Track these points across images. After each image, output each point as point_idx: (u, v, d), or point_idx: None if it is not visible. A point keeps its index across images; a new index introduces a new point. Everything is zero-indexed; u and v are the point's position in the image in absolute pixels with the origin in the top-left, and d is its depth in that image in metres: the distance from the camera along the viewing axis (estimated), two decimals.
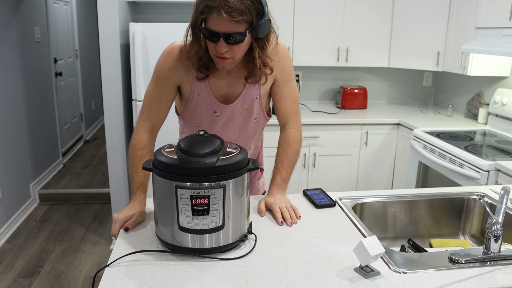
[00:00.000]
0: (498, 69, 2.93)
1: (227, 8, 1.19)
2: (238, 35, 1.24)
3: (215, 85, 1.44)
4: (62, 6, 4.96)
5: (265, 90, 1.49)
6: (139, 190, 1.36)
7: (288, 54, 1.50)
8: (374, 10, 3.34)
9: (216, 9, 1.20)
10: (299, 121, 1.55)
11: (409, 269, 1.10)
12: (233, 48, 1.28)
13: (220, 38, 1.25)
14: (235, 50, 1.29)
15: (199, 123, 1.51)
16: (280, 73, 1.48)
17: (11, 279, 2.74)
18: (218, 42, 1.26)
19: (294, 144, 1.50)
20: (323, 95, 3.80)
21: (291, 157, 1.49)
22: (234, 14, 1.20)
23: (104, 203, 3.91)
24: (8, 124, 3.40)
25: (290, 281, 1.04)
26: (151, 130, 1.46)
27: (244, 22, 1.23)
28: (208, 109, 1.47)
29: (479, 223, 1.62)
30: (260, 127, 1.59)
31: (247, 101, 1.47)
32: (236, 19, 1.21)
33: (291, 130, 1.52)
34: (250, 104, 1.48)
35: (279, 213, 1.36)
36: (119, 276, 1.05)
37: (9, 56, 3.43)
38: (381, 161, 3.31)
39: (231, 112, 1.48)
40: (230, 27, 1.22)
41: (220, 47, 1.27)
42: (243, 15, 1.21)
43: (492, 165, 2.21)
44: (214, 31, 1.24)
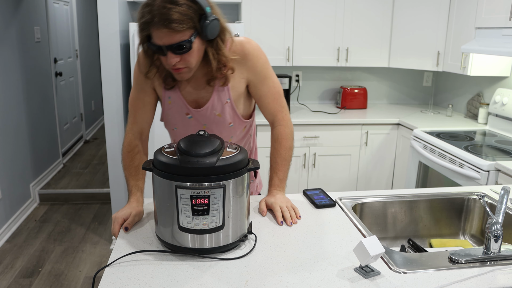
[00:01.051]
0: (498, 69, 2.93)
1: (164, 21, 1.16)
2: (184, 44, 1.21)
3: (184, 90, 1.43)
4: (62, 6, 4.96)
5: (237, 93, 1.43)
6: (134, 189, 1.37)
7: (258, 52, 1.42)
8: (374, 10, 3.34)
9: (154, 24, 1.17)
10: (286, 115, 1.49)
11: (409, 269, 1.10)
12: (184, 57, 1.25)
13: (167, 51, 1.22)
14: (186, 58, 1.25)
15: (174, 126, 1.50)
16: (252, 74, 1.42)
17: (11, 279, 2.74)
18: (167, 55, 1.24)
19: (285, 142, 1.47)
20: (323, 95, 3.80)
21: (284, 155, 1.46)
22: (173, 25, 1.16)
23: (104, 203, 3.92)
24: (8, 124, 3.40)
25: (290, 281, 1.04)
26: (139, 132, 1.48)
27: (186, 30, 1.19)
28: (180, 112, 1.45)
29: (479, 223, 1.62)
30: (239, 129, 1.53)
31: (218, 107, 1.43)
32: (176, 29, 1.17)
33: (279, 127, 1.48)
34: (221, 110, 1.43)
35: (279, 213, 1.36)
36: (119, 276, 1.05)
37: (9, 56, 3.43)
38: (381, 161, 3.31)
39: (203, 116, 1.45)
40: (173, 38, 1.19)
41: (170, 60, 1.24)
42: (183, 23, 1.17)
43: (492, 165, 2.21)
44: (159, 45, 1.21)
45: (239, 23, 2.81)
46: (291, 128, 1.49)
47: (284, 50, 3.30)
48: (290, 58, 3.32)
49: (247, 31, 3.22)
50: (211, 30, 1.25)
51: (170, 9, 1.16)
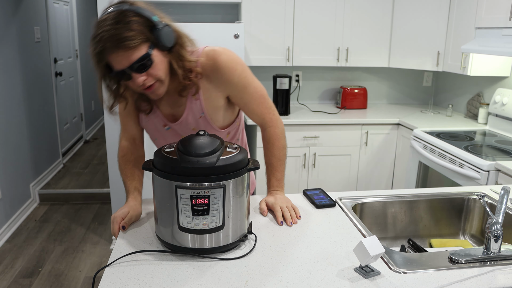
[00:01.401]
0: (498, 69, 2.93)
1: (116, 42, 1.13)
2: (144, 58, 1.18)
3: (160, 103, 1.41)
4: (62, 6, 4.96)
5: (213, 106, 1.39)
6: (131, 189, 1.38)
7: (232, 64, 1.34)
8: (374, 10, 3.34)
9: (108, 49, 1.15)
10: (274, 116, 1.46)
11: (409, 269, 1.10)
12: (149, 72, 1.21)
13: (130, 73, 1.19)
14: (152, 73, 1.21)
15: (154, 137, 1.50)
16: (230, 87, 1.37)
17: (11, 279, 2.74)
18: (132, 78, 1.21)
19: (277, 142, 1.45)
20: (323, 95, 3.80)
21: (278, 155, 1.45)
22: (126, 44, 1.14)
23: (104, 203, 3.92)
24: (8, 124, 3.40)
25: (290, 281, 1.04)
26: (132, 138, 1.48)
27: (141, 44, 1.17)
28: (158, 124, 1.44)
29: (479, 223, 1.62)
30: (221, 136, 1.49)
31: (192, 121, 1.40)
32: (131, 46, 1.14)
33: (269, 129, 1.45)
34: (196, 124, 1.41)
35: (279, 213, 1.36)
36: (119, 276, 1.05)
37: (9, 56, 3.43)
38: (381, 161, 3.31)
39: (180, 129, 1.43)
40: (131, 57, 1.16)
41: (137, 80, 1.20)
42: (135, 38, 1.15)
43: (492, 165, 2.21)
44: (121, 70, 1.18)
45: (239, 23, 2.81)
46: (281, 127, 1.47)
47: (284, 50, 3.30)
48: (290, 58, 3.32)
49: (247, 31, 3.22)
50: (165, 37, 1.21)
51: (118, 29, 1.13)
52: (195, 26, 2.75)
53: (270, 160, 1.46)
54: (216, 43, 2.78)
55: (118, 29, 1.13)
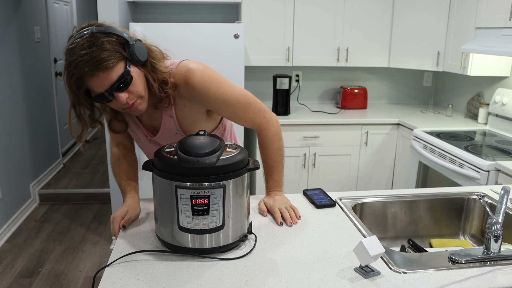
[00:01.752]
0: (498, 69, 2.93)
1: (94, 65, 1.13)
2: (124, 76, 1.17)
3: (141, 117, 1.42)
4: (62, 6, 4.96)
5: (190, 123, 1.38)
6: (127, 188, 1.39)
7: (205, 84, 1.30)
8: (374, 10, 3.34)
9: (87, 74, 1.14)
10: (265, 117, 1.41)
11: (409, 269, 1.10)
12: (130, 90, 1.21)
13: (112, 93, 1.19)
14: (133, 90, 1.21)
15: (140, 146, 1.51)
16: (207, 105, 1.34)
17: (11, 279, 2.74)
18: (114, 98, 1.20)
19: (270, 145, 1.42)
20: (323, 95, 3.80)
21: (273, 157, 1.43)
22: (104, 64, 1.14)
23: (104, 203, 3.91)
24: (8, 124, 3.40)
25: (290, 281, 1.04)
26: (121, 144, 1.50)
27: (118, 63, 1.17)
28: (140, 136, 1.45)
29: (479, 223, 1.62)
30: None
31: (169, 137, 1.41)
32: (109, 67, 1.14)
33: (262, 132, 1.43)
34: (172, 139, 1.41)
35: (278, 214, 1.36)
36: (119, 276, 1.05)
37: (9, 56, 3.43)
38: (381, 161, 3.31)
39: (161, 141, 1.44)
40: (111, 77, 1.16)
41: (120, 100, 1.20)
42: (112, 58, 1.15)
43: (492, 165, 2.21)
44: (103, 92, 1.17)
45: (239, 23, 2.81)
46: (274, 129, 1.42)
47: (284, 50, 3.30)
48: (290, 58, 3.32)
49: (247, 31, 3.22)
50: (139, 51, 1.21)
51: (93, 52, 1.13)
52: (195, 26, 2.75)
53: (266, 162, 1.45)
54: (216, 43, 2.78)
55: (93, 52, 1.13)
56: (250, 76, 3.64)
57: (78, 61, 1.13)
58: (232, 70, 2.85)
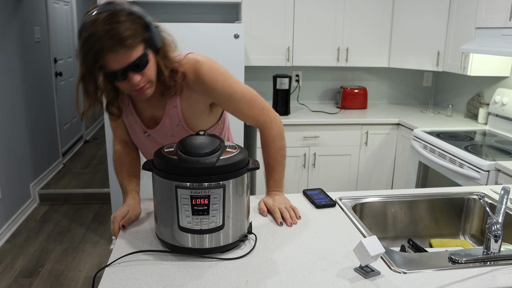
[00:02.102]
0: (498, 69, 2.93)
1: (118, 41, 1.12)
2: (142, 58, 1.18)
3: (140, 107, 1.40)
4: (62, 6, 4.96)
5: (193, 114, 1.38)
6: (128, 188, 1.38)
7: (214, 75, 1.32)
8: (374, 10, 3.34)
9: (107, 48, 1.12)
10: (268, 116, 1.42)
11: (409, 269, 1.10)
12: (144, 72, 1.21)
13: (127, 72, 1.18)
14: (147, 73, 1.22)
15: (137, 143, 1.49)
16: (213, 97, 1.36)
17: (11, 279, 2.74)
18: (128, 77, 1.19)
19: (272, 144, 1.42)
20: (323, 95, 3.80)
21: (274, 157, 1.43)
22: (127, 43, 1.13)
23: (104, 203, 3.91)
24: (8, 124, 3.40)
25: (290, 281, 1.04)
26: (124, 142, 1.50)
27: (139, 44, 1.17)
28: (138, 130, 1.43)
29: (479, 223, 1.62)
30: None
31: (169, 127, 1.39)
32: (131, 46, 1.14)
33: (265, 130, 1.43)
34: (173, 131, 1.41)
35: (278, 214, 1.36)
36: (119, 276, 1.05)
37: (9, 56, 3.43)
38: (381, 161, 3.31)
39: (160, 135, 1.42)
40: (130, 56, 1.16)
41: (133, 81, 1.20)
42: (135, 37, 1.15)
43: (492, 165, 2.21)
44: (119, 70, 1.16)
45: (239, 23, 2.81)
46: (277, 128, 1.43)
47: (284, 50, 3.30)
48: (290, 58, 3.32)
49: (247, 31, 3.22)
50: (157, 37, 1.22)
51: (117, 28, 1.12)
52: (195, 26, 2.75)
53: (267, 161, 1.45)
54: (216, 43, 2.78)
55: (116, 28, 1.12)
56: (250, 76, 3.64)
57: (101, 34, 1.11)
58: (232, 70, 2.85)
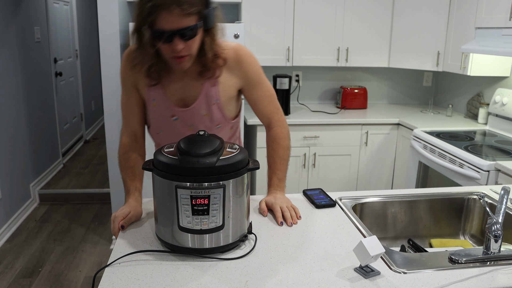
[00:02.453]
0: (498, 69, 2.93)
1: (176, 1, 1.14)
2: (192, 28, 1.20)
3: (170, 88, 1.40)
4: (62, 6, 4.96)
5: (227, 96, 1.42)
6: (132, 189, 1.37)
7: (251, 59, 1.42)
8: (374, 10, 3.34)
9: (165, 6, 1.14)
10: (281, 116, 1.50)
11: (409, 269, 1.10)
12: (189, 44, 1.23)
13: (174, 36, 1.19)
14: (190, 45, 1.24)
15: (159, 130, 1.47)
16: (246, 80, 1.43)
17: (11, 279, 2.74)
18: (172, 41, 1.20)
19: (282, 142, 1.47)
20: (323, 95, 3.80)
21: (282, 155, 1.46)
22: (185, 7, 1.15)
23: (104, 203, 3.91)
24: (8, 124, 3.40)
25: (290, 281, 1.04)
26: (133, 134, 1.47)
27: (194, 14, 1.19)
28: (165, 114, 1.42)
29: (479, 223, 1.62)
30: (225, 130, 1.50)
31: (205, 106, 1.40)
32: (187, 11, 1.16)
33: (276, 128, 1.48)
34: (209, 110, 1.41)
35: (279, 213, 1.36)
36: (119, 276, 1.05)
37: (9, 56, 3.43)
38: (381, 161, 3.31)
39: (190, 117, 1.41)
40: (182, 22, 1.17)
41: (176, 46, 1.21)
42: (193, 6, 1.17)
43: (492, 165, 2.21)
44: (167, 30, 1.18)
45: (239, 23, 2.81)
46: (287, 129, 1.50)
47: (284, 50, 3.30)
48: (290, 58, 3.32)
49: (247, 31, 3.22)
50: (212, 17, 1.25)
51: None
52: None
53: (274, 158, 1.46)
54: None
55: None
56: None
57: None
58: None
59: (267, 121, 1.50)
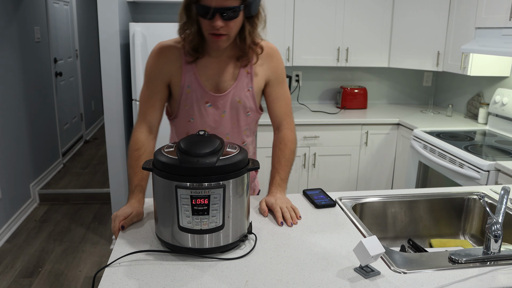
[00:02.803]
0: (498, 69, 2.93)
1: None
2: (233, 10, 1.27)
3: (204, 74, 1.44)
4: (62, 6, 4.96)
5: (258, 86, 1.49)
6: (136, 189, 1.36)
7: (280, 56, 1.53)
8: (374, 10, 3.34)
9: None
10: (292, 121, 1.56)
11: (409, 269, 1.10)
12: (229, 24, 1.30)
13: (216, 14, 1.27)
14: (230, 26, 1.31)
15: (190, 117, 1.48)
16: (273, 74, 1.51)
17: (11, 279, 2.74)
18: (213, 18, 1.28)
19: (290, 144, 1.51)
20: (323, 95, 3.80)
21: (288, 157, 1.49)
22: None
23: (104, 203, 3.92)
24: (8, 124, 3.40)
25: (290, 281, 1.04)
26: (148, 130, 1.46)
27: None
28: (199, 101, 1.45)
29: (479, 223, 1.62)
30: (252, 121, 1.56)
31: (239, 93, 1.47)
32: None
33: (286, 130, 1.53)
34: (242, 96, 1.48)
35: (279, 213, 1.36)
36: (119, 276, 1.05)
37: (9, 56, 3.43)
38: (381, 161, 3.31)
39: (223, 103, 1.46)
40: (227, 2, 1.25)
41: (216, 24, 1.28)
42: None
43: (492, 165, 2.21)
44: (210, 7, 1.26)
45: None
46: (295, 134, 1.56)
47: (284, 50, 3.30)
48: (290, 58, 3.32)
49: None
50: (255, 6, 1.33)
51: None
52: None
53: (279, 158, 1.48)
54: None
55: None
56: None
57: None
58: None
59: (278, 122, 1.54)
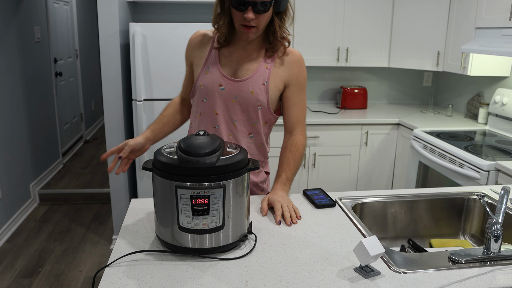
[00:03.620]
0: (498, 69, 2.93)
1: None
2: (265, 4, 1.37)
3: (226, 59, 1.53)
4: (62, 6, 4.96)
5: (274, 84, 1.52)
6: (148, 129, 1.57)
7: (304, 65, 1.59)
8: (374, 10, 3.34)
9: None
10: (305, 129, 1.60)
11: (409, 269, 1.10)
12: (259, 17, 1.39)
13: (248, 6, 1.36)
14: (260, 19, 1.40)
15: (204, 97, 1.55)
16: (294, 80, 1.55)
17: (11, 279, 2.74)
18: (245, 10, 1.37)
19: (301, 149, 1.55)
20: (323, 95, 3.80)
21: (297, 159, 1.52)
22: None
23: (104, 203, 3.92)
24: (8, 124, 3.40)
25: (290, 281, 1.04)
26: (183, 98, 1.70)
27: None
28: (214, 82, 1.53)
29: (479, 223, 1.62)
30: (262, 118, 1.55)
31: (253, 84, 1.50)
32: None
33: (299, 136, 1.56)
34: (256, 88, 1.51)
35: (279, 211, 1.36)
36: (119, 276, 1.05)
37: (9, 56, 3.43)
38: (381, 161, 3.31)
39: (237, 89, 1.51)
40: None
41: (247, 15, 1.37)
42: None
43: (492, 165, 2.21)
44: (244, 0, 1.35)
45: None
46: (306, 142, 1.60)
47: None
48: None
49: None
50: (284, 3, 1.42)
51: None
52: (195, 26, 2.75)
53: (289, 159, 1.52)
54: None
55: None
56: None
57: None
58: None
59: (291, 127, 1.58)
